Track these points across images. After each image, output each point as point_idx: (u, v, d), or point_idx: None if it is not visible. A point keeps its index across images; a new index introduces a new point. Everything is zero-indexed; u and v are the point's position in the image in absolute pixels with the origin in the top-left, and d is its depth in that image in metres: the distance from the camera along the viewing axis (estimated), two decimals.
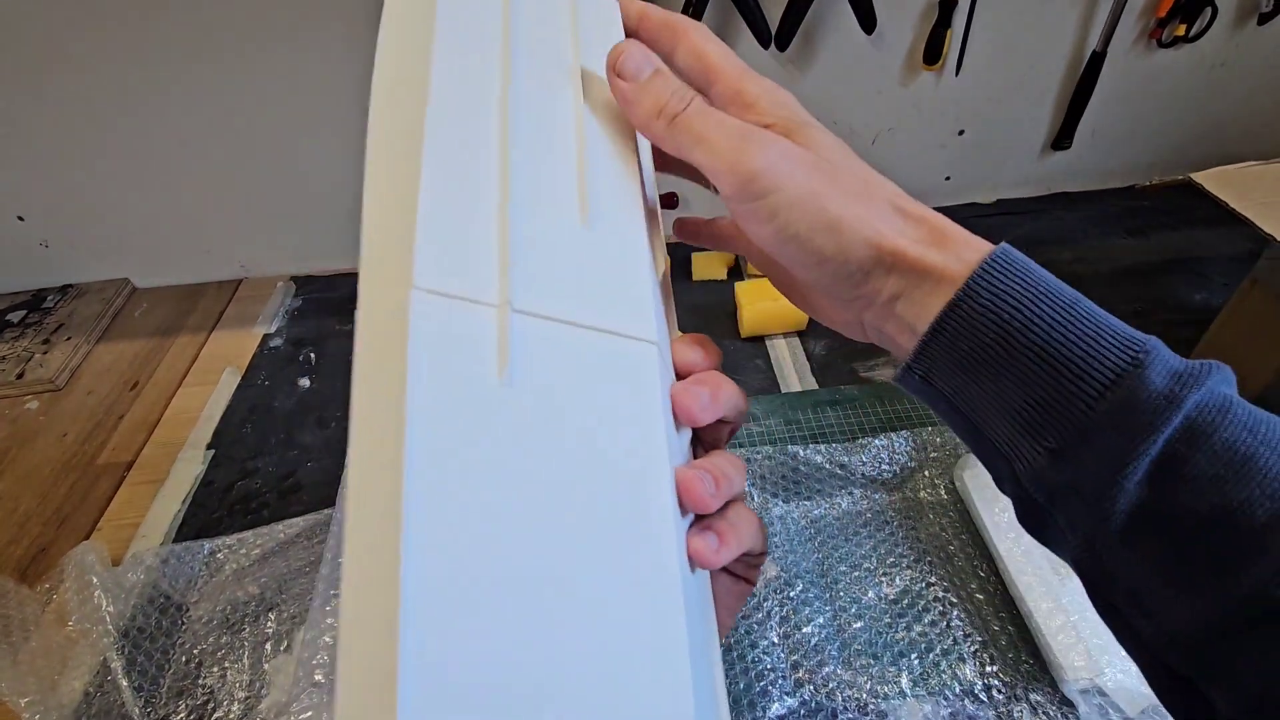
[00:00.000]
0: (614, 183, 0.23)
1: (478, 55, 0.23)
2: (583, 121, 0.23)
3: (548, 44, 0.24)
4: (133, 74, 0.71)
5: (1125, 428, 0.19)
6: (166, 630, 0.50)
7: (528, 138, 0.22)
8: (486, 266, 0.19)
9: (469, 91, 0.22)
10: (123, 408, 0.73)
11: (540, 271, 0.20)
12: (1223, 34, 0.76)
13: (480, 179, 0.20)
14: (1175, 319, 0.71)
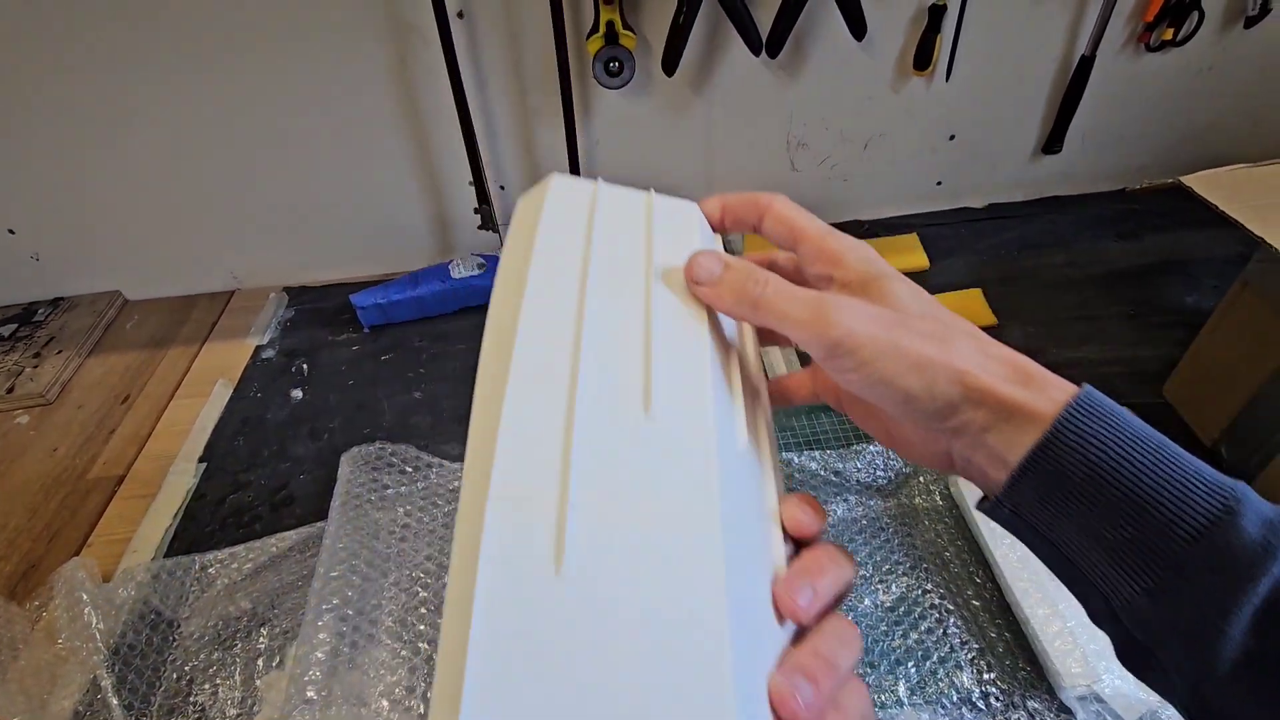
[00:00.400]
0: (681, 372, 0.25)
1: (561, 281, 0.26)
2: (650, 319, 0.26)
3: (622, 257, 0.28)
4: (123, 86, 0.71)
5: (1223, 573, 0.19)
6: (157, 647, 0.49)
7: (597, 343, 0.25)
8: (550, 469, 0.21)
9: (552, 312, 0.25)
10: (114, 421, 0.73)
11: (599, 468, 0.21)
12: (1210, 38, 0.76)
13: (552, 389, 0.23)
14: (1167, 321, 0.71)
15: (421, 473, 0.57)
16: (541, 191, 0.29)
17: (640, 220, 0.29)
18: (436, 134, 0.78)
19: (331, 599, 0.46)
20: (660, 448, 0.22)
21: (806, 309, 0.24)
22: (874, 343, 0.23)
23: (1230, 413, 0.56)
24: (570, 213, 0.28)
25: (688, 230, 0.29)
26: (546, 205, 0.28)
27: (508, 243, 0.28)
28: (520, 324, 0.24)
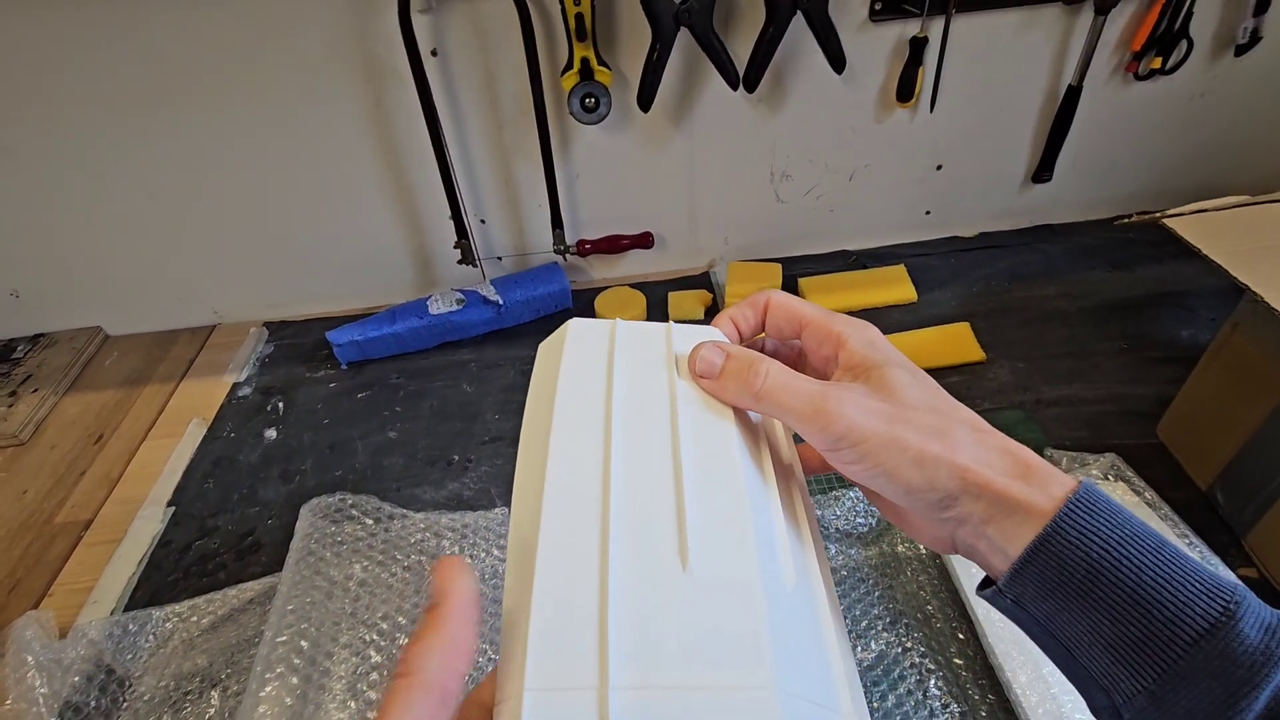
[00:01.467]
0: (715, 512, 0.24)
1: (586, 427, 0.26)
2: (678, 453, 0.25)
3: (645, 388, 0.28)
4: (103, 122, 0.71)
5: (1223, 678, 0.19)
6: (105, 710, 0.47)
7: (627, 496, 0.24)
8: (587, 651, 0.20)
9: (578, 464, 0.25)
10: (85, 463, 0.71)
11: (639, 641, 0.20)
12: (1200, 66, 0.75)
13: (585, 554, 0.22)
14: (1161, 356, 0.69)
15: (383, 524, 0.55)
16: (560, 337, 0.29)
17: (660, 349, 0.29)
18: (414, 169, 0.77)
19: (277, 666, 0.44)
20: (702, 611, 0.21)
21: (808, 403, 0.24)
22: (875, 437, 0.23)
23: (1225, 456, 0.53)
24: (590, 354, 0.29)
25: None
26: (566, 350, 0.28)
27: (531, 392, 0.29)
28: (547, 482, 0.24)
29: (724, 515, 0.23)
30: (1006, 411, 0.65)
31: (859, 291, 0.80)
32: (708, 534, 0.23)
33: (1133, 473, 0.53)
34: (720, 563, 0.22)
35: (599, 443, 0.25)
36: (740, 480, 0.24)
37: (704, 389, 0.27)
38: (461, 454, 0.67)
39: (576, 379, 0.27)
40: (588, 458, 0.25)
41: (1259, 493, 0.51)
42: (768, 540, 0.24)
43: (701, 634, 0.20)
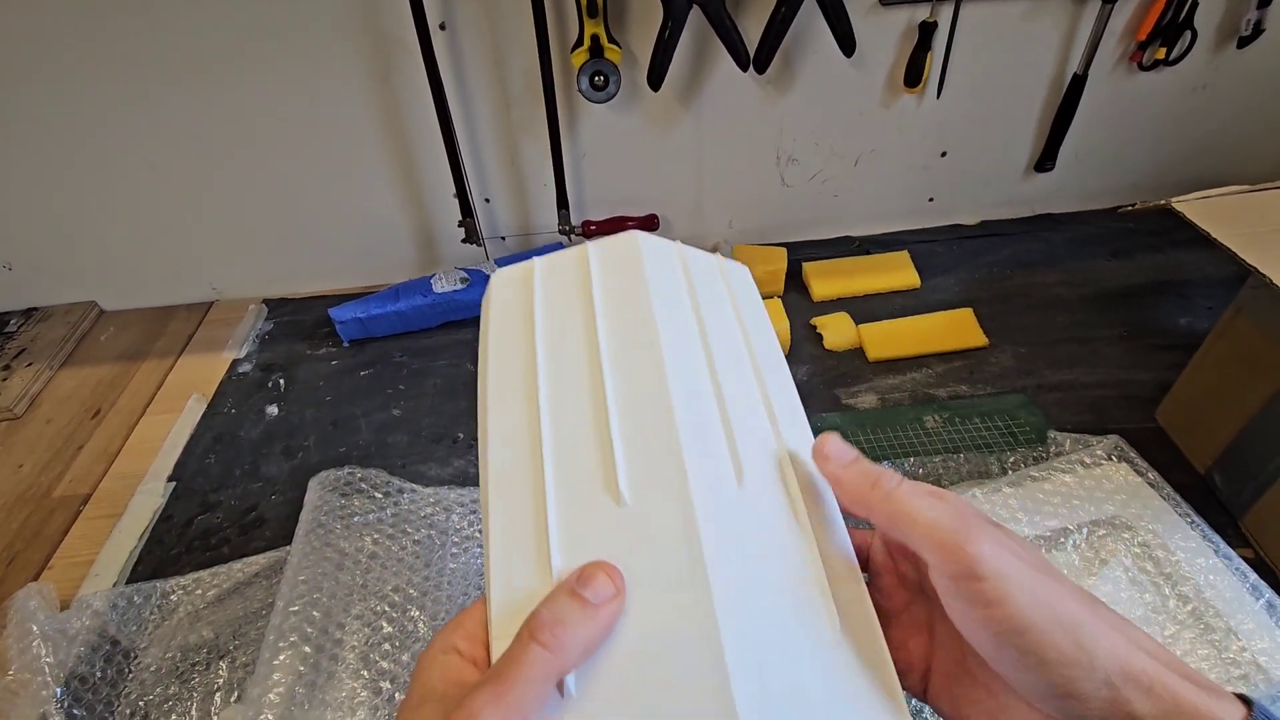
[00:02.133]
0: (643, 439, 0.25)
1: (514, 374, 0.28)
2: (603, 388, 0.26)
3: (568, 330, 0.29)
4: (103, 94, 0.70)
5: None
6: (111, 680, 0.47)
7: (559, 435, 0.25)
8: (536, 594, 0.22)
9: (512, 412, 0.27)
10: (83, 437, 0.71)
11: None
12: (1203, 57, 0.76)
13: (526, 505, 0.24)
14: (1160, 343, 0.70)
15: (392, 498, 0.55)
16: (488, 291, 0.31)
17: (576, 275, 0.30)
18: (419, 146, 0.76)
19: (290, 635, 0.44)
20: (635, 539, 0.22)
21: (946, 515, 0.21)
22: (1021, 575, 0.19)
23: (1224, 440, 0.54)
24: (514, 299, 0.30)
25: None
26: (491, 301, 0.30)
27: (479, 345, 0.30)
28: (489, 429, 0.26)
29: (654, 439, 0.24)
30: (1009, 395, 0.65)
31: (863, 277, 0.80)
32: (638, 462, 0.23)
33: (1135, 454, 0.54)
34: (651, 489, 0.23)
35: (529, 390, 0.26)
36: (666, 397, 0.25)
37: (826, 472, 0.24)
38: (466, 432, 0.67)
39: (503, 327, 0.29)
40: (522, 408, 0.26)
41: (1257, 475, 0.52)
42: (707, 448, 0.24)
43: (640, 563, 0.21)
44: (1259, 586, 0.45)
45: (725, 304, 0.31)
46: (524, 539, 0.23)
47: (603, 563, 0.21)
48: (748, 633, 0.20)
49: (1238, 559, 0.47)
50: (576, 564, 0.21)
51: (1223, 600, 0.44)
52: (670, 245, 0.31)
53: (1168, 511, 0.50)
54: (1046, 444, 0.59)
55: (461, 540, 0.52)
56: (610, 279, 0.29)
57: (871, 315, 0.74)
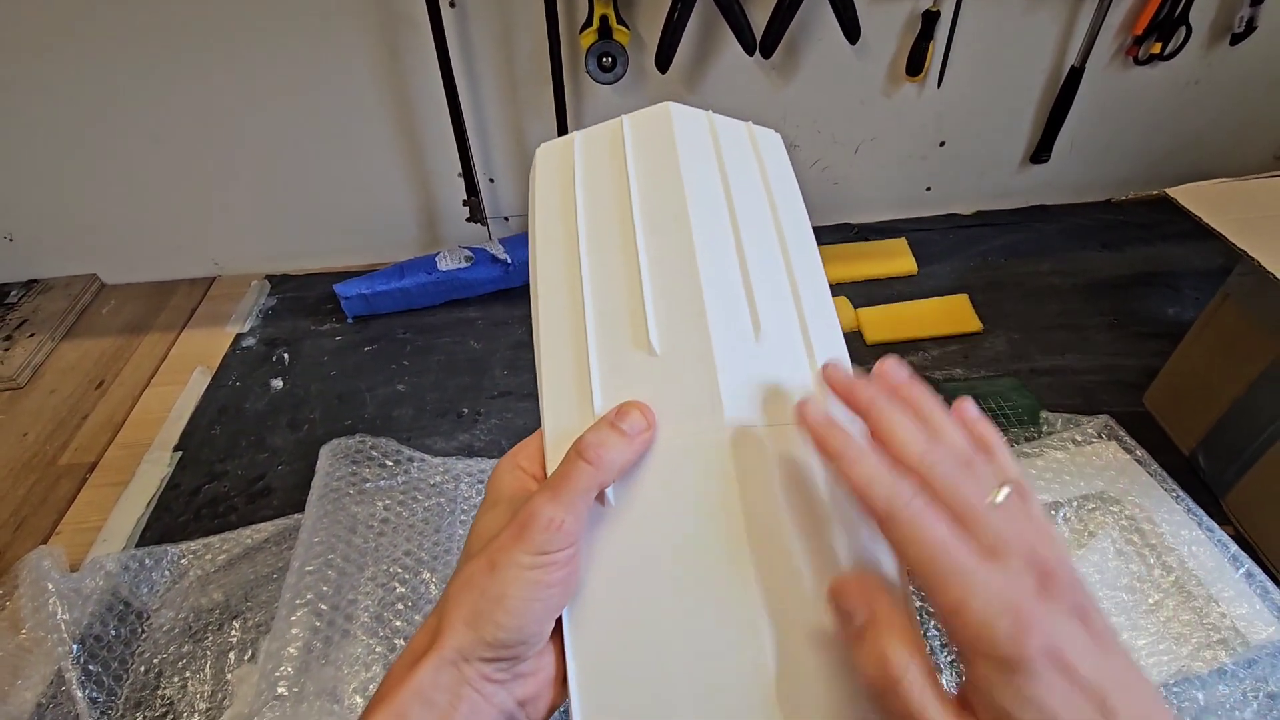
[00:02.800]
0: (673, 294, 0.28)
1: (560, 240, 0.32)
2: (637, 249, 0.30)
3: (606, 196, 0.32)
4: (107, 66, 0.70)
5: None
6: (125, 639, 0.48)
7: (598, 294, 0.29)
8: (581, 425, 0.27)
9: (558, 276, 0.31)
10: (87, 407, 0.71)
11: None
12: (1197, 53, 0.77)
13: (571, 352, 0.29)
14: (1148, 331, 0.72)
15: (402, 466, 0.56)
16: (533, 165, 0.33)
17: (612, 140, 0.32)
18: (425, 125, 0.77)
19: (306, 593, 0.45)
20: (666, 382, 0.26)
21: (996, 600, 0.19)
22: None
23: (1208, 423, 0.56)
24: (558, 170, 0.32)
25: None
26: (538, 173, 0.32)
27: (529, 214, 0.32)
28: (539, 294, 0.29)
29: (681, 294, 0.27)
30: (1002, 379, 0.67)
31: (862, 263, 0.81)
32: (667, 315, 0.27)
33: (1124, 432, 0.56)
34: (678, 340, 0.27)
35: (571, 251, 0.29)
36: (691, 255, 0.28)
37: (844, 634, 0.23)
38: (471, 407, 0.68)
39: (547, 194, 0.31)
40: (565, 267, 0.29)
41: (1239, 456, 0.54)
42: (728, 304, 0.27)
43: (668, 403, 0.26)
44: (1239, 557, 0.47)
45: (753, 170, 0.33)
46: (570, 382, 0.27)
47: (637, 401, 0.26)
48: (753, 460, 0.25)
49: (1220, 532, 0.49)
50: (614, 403, 0.26)
51: (1204, 570, 0.46)
52: (701, 114, 0.34)
53: (1154, 487, 0.52)
54: (1039, 424, 0.60)
55: (470, 508, 0.53)
56: (643, 147, 0.31)
57: (870, 300, 0.75)
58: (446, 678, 0.22)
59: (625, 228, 0.29)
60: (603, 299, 0.28)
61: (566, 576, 0.24)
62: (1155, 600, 0.46)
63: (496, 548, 0.23)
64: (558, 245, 0.30)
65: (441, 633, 0.23)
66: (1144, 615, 0.45)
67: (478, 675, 0.23)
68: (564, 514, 0.23)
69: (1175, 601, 0.45)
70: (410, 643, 0.24)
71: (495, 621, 0.23)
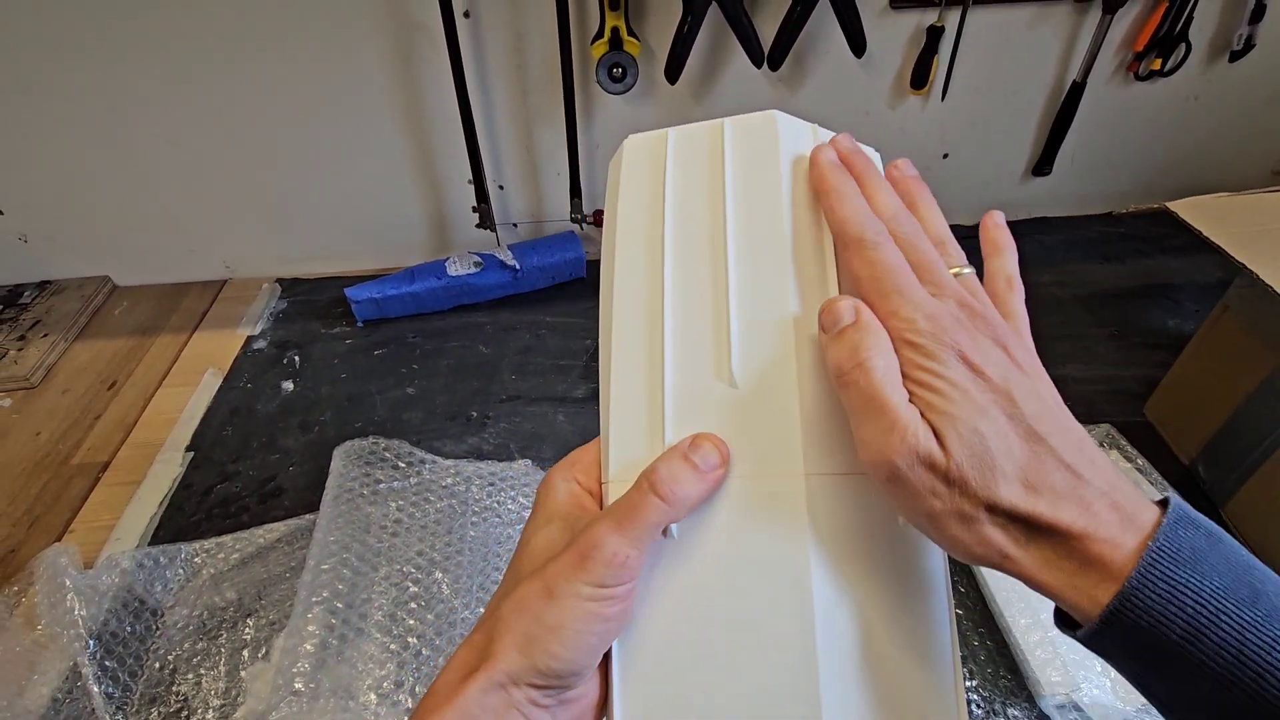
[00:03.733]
0: (760, 325, 0.27)
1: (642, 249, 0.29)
2: (727, 271, 0.27)
3: (697, 207, 0.29)
4: (124, 70, 0.71)
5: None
6: (140, 635, 0.48)
7: (680, 313, 0.27)
8: (650, 451, 0.26)
9: (637, 286, 0.28)
10: (100, 407, 0.72)
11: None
12: (1196, 69, 0.79)
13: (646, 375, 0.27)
14: (1148, 343, 0.73)
15: (415, 468, 0.57)
16: (618, 156, 0.31)
17: (708, 148, 0.30)
18: (437, 131, 0.78)
19: (321, 591, 0.46)
20: (744, 415, 0.25)
21: (874, 424, 0.22)
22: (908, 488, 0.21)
23: (1208, 433, 0.57)
24: (645, 168, 0.30)
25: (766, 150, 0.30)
26: (624, 169, 0.30)
27: (606, 210, 0.31)
28: (615, 302, 0.28)
29: (766, 328, 0.26)
30: None
31: None
32: (750, 347, 0.26)
33: (1125, 441, 0.57)
34: (760, 374, 0.25)
35: (655, 258, 0.28)
36: (786, 285, 0.26)
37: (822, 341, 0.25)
38: (480, 411, 0.69)
39: (632, 192, 0.29)
40: (646, 274, 0.27)
41: (1239, 465, 0.54)
42: (815, 342, 0.26)
43: (743, 440, 0.25)
44: None
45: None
46: (640, 402, 0.26)
47: (712, 435, 0.25)
48: (826, 513, 0.24)
49: None
50: (686, 432, 0.25)
51: None
52: (806, 126, 0.31)
53: (1154, 495, 0.52)
54: None
55: (481, 510, 0.54)
56: (743, 157, 0.29)
57: None
58: (494, 700, 0.22)
59: (717, 245, 0.27)
60: (684, 318, 0.26)
61: (624, 610, 0.23)
62: None
63: (555, 574, 0.23)
64: (640, 251, 0.28)
65: (493, 654, 0.22)
66: None
67: (525, 700, 0.22)
68: (629, 549, 0.23)
69: None
70: (455, 657, 0.24)
71: (549, 651, 0.22)
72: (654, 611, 0.24)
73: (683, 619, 0.24)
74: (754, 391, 0.25)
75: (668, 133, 0.30)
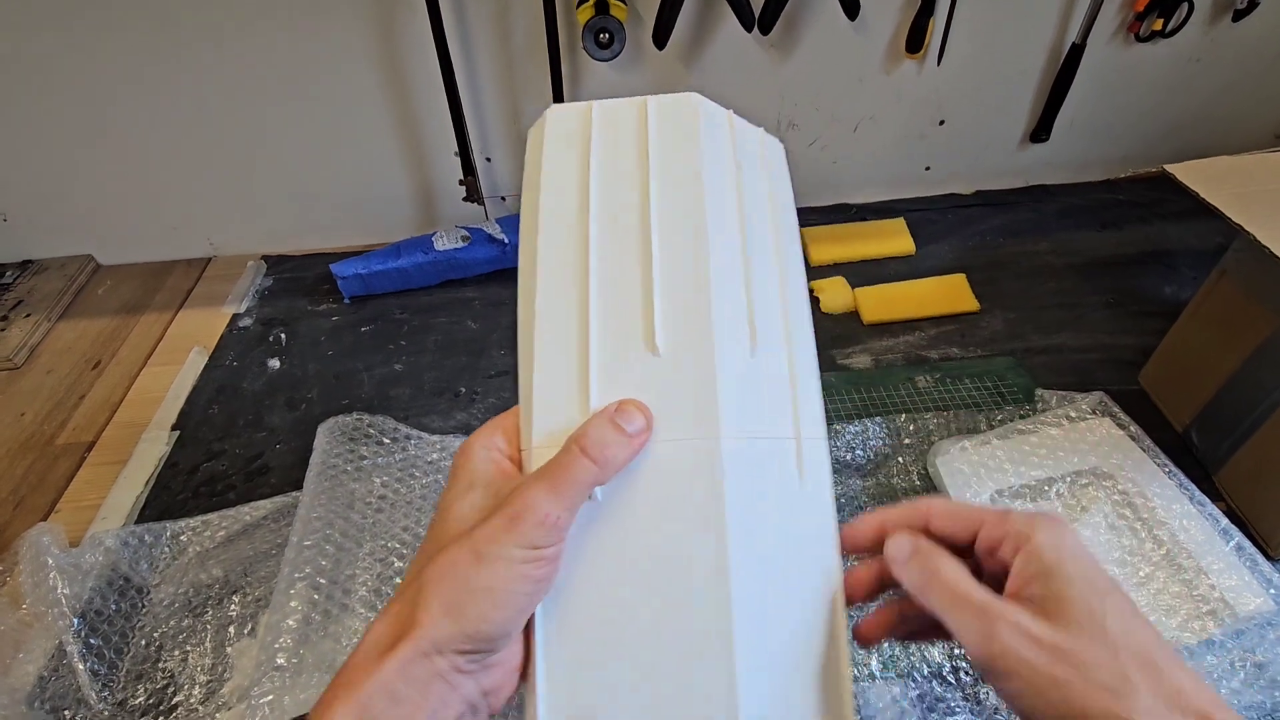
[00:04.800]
0: (682, 298, 0.28)
1: (566, 221, 0.30)
2: (650, 244, 0.28)
3: (621, 181, 0.30)
4: (102, 46, 0.69)
5: None
6: (125, 613, 0.48)
7: (605, 284, 0.28)
8: (573, 419, 0.26)
9: (562, 257, 0.29)
10: (84, 387, 0.71)
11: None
12: (1198, 30, 0.77)
13: (571, 345, 0.28)
14: (1145, 310, 0.72)
15: (399, 444, 0.56)
16: (540, 126, 0.31)
17: (634, 126, 0.30)
18: (421, 104, 0.76)
19: (304, 567, 0.45)
20: (666, 383, 0.26)
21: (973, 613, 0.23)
22: (1032, 672, 0.21)
23: (1202, 400, 0.57)
24: (569, 140, 0.30)
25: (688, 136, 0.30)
26: (546, 139, 0.30)
27: (525, 180, 0.31)
28: (538, 271, 0.28)
29: (687, 299, 0.27)
30: (998, 358, 0.67)
31: (859, 242, 0.81)
32: (672, 317, 0.27)
33: (1118, 409, 0.56)
34: (681, 343, 0.26)
35: (580, 230, 0.28)
36: (704, 261, 0.27)
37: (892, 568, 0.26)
38: (468, 386, 0.68)
39: (556, 164, 0.29)
40: (571, 245, 0.28)
41: (1231, 432, 0.54)
42: (729, 313, 0.27)
43: (664, 405, 0.26)
44: (1229, 530, 0.47)
45: (763, 180, 0.32)
46: (566, 369, 0.26)
47: (637, 400, 0.26)
48: (742, 474, 0.25)
49: (1211, 506, 0.49)
50: (612, 397, 0.26)
51: (1195, 543, 0.46)
52: (723, 113, 0.32)
53: (1146, 462, 0.52)
54: (1034, 402, 0.61)
55: None
56: (666, 136, 0.30)
57: (867, 280, 0.75)
58: (419, 670, 0.22)
59: (642, 218, 0.28)
60: (609, 289, 0.27)
61: (552, 572, 0.24)
62: (1146, 573, 0.46)
63: (485, 537, 0.23)
64: (565, 225, 0.28)
65: (417, 622, 0.22)
66: (1135, 588, 0.46)
67: (450, 667, 0.22)
68: (560, 510, 0.23)
69: (1165, 574, 0.46)
70: (372, 630, 0.23)
71: (480, 614, 0.22)
72: (576, 572, 0.24)
73: (605, 582, 0.24)
74: (674, 359, 0.26)
75: (591, 106, 0.31)
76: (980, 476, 0.52)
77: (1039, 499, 0.51)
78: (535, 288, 0.28)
